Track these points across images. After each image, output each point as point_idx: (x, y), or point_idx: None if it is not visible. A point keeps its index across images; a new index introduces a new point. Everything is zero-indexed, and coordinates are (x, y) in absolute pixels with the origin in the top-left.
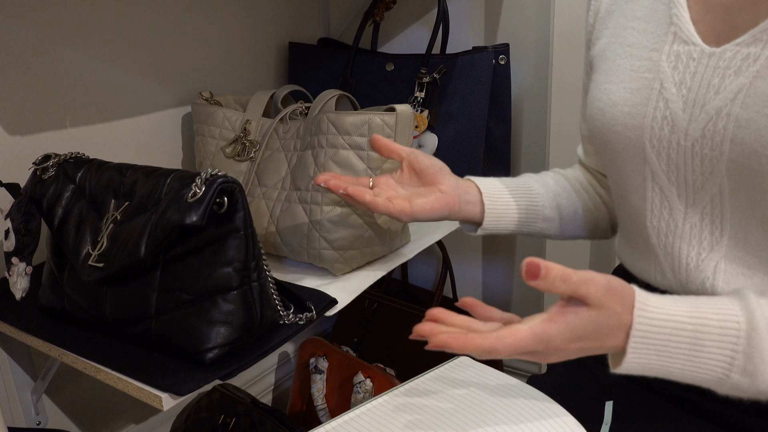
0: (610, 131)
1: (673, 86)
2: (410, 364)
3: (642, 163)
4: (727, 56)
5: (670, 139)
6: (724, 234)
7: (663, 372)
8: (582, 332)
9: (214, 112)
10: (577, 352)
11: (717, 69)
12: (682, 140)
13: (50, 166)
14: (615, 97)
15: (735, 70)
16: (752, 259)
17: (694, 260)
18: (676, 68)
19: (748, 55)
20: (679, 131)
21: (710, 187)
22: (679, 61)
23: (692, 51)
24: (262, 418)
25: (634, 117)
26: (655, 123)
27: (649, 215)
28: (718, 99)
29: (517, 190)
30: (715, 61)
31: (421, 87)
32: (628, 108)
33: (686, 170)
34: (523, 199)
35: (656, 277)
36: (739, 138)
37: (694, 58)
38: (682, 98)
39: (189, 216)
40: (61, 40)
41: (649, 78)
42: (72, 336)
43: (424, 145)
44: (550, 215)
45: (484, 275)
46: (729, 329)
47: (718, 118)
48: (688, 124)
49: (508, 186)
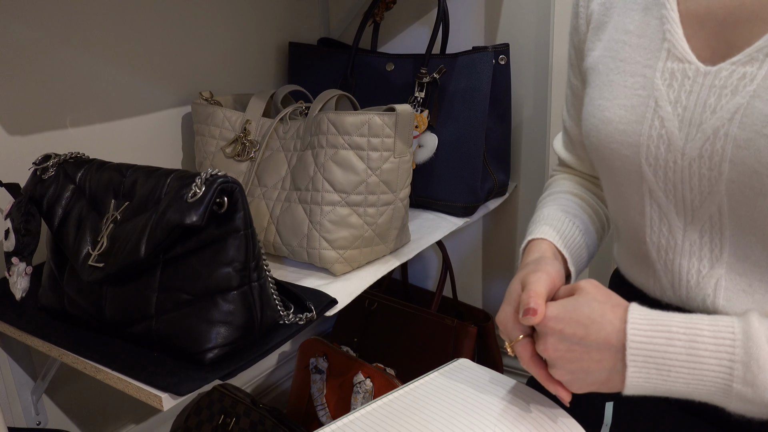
0: (606, 148)
1: (668, 104)
2: (410, 364)
3: (639, 180)
4: (723, 75)
5: (667, 157)
6: (724, 251)
7: (668, 389)
8: (575, 315)
9: (214, 112)
10: (577, 354)
11: (713, 88)
12: (679, 159)
13: (50, 166)
14: (609, 114)
15: (732, 89)
16: (753, 276)
17: (694, 277)
18: (671, 86)
19: (744, 75)
20: (675, 150)
21: (709, 206)
22: (674, 79)
23: (687, 69)
24: (262, 418)
25: (630, 135)
26: (651, 141)
27: (648, 231)
28: (715, 119)
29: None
30: (711, 80)
31: (421, 87)
32: (623, 126)
33: (684, 188)
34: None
35: (655, 291)
36: (739, 159)
37: (689, 77)
38: (677, 117)
39: (189, 216)
40: (61, 40)
41: (643, 95)
42: (72, 336)
43: (424, 145)
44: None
45: (484, 275)
46: (724, 339)
47: (716, 138)
48: (685, 143)
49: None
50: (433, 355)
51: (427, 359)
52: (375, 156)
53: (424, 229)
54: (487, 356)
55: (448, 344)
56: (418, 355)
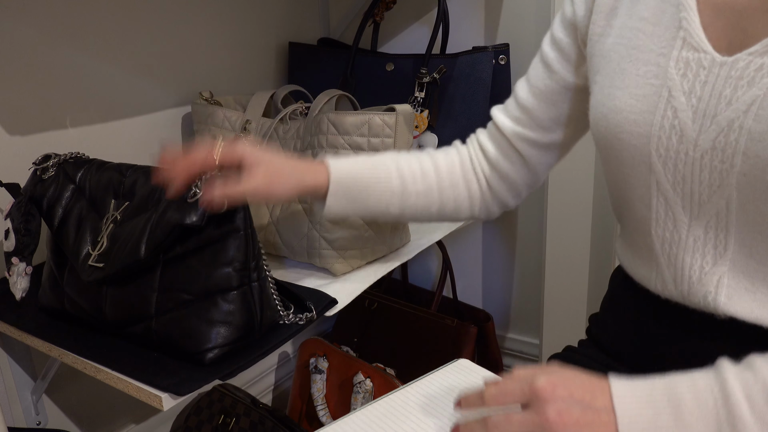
0: (615, 138)
1: (682, 95)
2: (410, 364)
3: (647, 171)
4: (739, 66)
5: (678, 149)
6: (728, 248)
7: None
8: (577, 380)
9: (214, 112)
10: (589, 418)
11: (729, 79)
12: (691, 151)
13: (50, 166)
14: (620, 103)
15: (748, 81)
16: (756, 276)
17: (696, 273)
18: (685, 76)
19: (761, 66)
20: (687, 142)
21: (717, 200)
22: (689, 69)
23: (702, 59)
24: (262, 418)
25: (640, 125)
26: (663, 132)
27: (653, 224)
28: (730, 110)
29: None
30: (727, 71)
31: (421, 87)
32: (634, 115)
33: (692, 182)
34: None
35: (657, 285)
36: (753, 152)
37: (704, 67)
38: (691, 108)
39: (189, 216)
40: (61, 40)
41: (656, 85)
42: (72, 336)
43: (424, 145)
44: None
45: (484, 275)
46: (707, 401)
47: (730, 131)
48: (698, 135)
49: None
50: (433, 355)
51: (427, 359)
52: None
53: (424, 229)
54: (487, 356)
55: (448, 344)
56: (418, 355)
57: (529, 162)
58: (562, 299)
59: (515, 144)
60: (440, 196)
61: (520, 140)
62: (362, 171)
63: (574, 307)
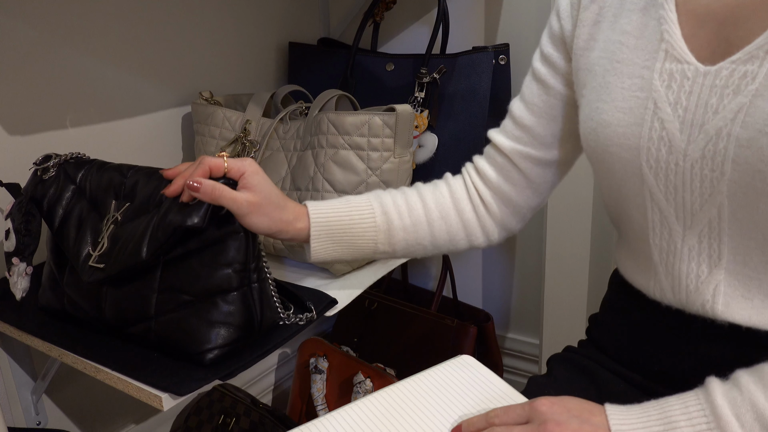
0: (605, 152)
1: (667, 106)
2: (410, 364)
3: (640, 183)
4: (723, 75)
5: (668, 159)
6: (723, 256)
7: None
8: (575, 401)
9: (214, 112)
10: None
11: (714, 88)
12: (681, 161)
13: (51, 167)
14: (607, 117)
15: (733, 89)
16: (752, 283)
17: (693, 282)
18: (669, 87)
19: (745, 73)
20: (677, 152)
21: (709, 209)
22: (673, 80)
23: (686, 69)
24: (262, 418)
25: (629, 138)
26: (652, 144)
27: (651, 233)
28: (718, 119)
29: None
30: (711, 80)
31: (421, 87)
32: (622, 129)
33: (684, 191)
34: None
35: (656, 293)
36: (742, 158)
37: (688, 77)
38: (678, 118)
39: (190, 218)
40: (61, 40)
41: (641, 97)
42: (72, 336)
43: (424, 145)
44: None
45: (484, 275)
46: (700, 423)
47: (719, 139)
48: (687, 144)
49: None
50: (433, 355)
51: (427, 359)
52: (375, 156)
53: None
54: (487, 356)
55: (448, 344)
56: (418, 355)
57: (532, 182)
58: (562, 299)
59: (517, 163)
60: (430, 228)
61: (522, 158)
62: (341, 210)
63: (574, 307)
